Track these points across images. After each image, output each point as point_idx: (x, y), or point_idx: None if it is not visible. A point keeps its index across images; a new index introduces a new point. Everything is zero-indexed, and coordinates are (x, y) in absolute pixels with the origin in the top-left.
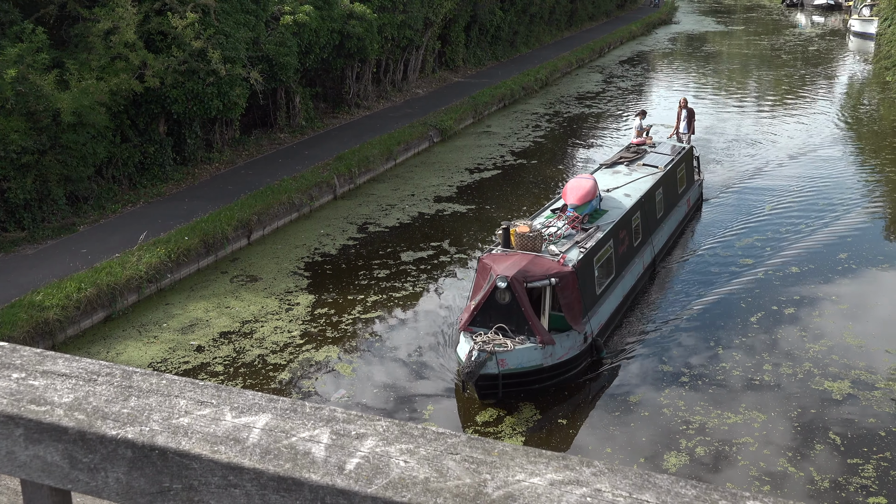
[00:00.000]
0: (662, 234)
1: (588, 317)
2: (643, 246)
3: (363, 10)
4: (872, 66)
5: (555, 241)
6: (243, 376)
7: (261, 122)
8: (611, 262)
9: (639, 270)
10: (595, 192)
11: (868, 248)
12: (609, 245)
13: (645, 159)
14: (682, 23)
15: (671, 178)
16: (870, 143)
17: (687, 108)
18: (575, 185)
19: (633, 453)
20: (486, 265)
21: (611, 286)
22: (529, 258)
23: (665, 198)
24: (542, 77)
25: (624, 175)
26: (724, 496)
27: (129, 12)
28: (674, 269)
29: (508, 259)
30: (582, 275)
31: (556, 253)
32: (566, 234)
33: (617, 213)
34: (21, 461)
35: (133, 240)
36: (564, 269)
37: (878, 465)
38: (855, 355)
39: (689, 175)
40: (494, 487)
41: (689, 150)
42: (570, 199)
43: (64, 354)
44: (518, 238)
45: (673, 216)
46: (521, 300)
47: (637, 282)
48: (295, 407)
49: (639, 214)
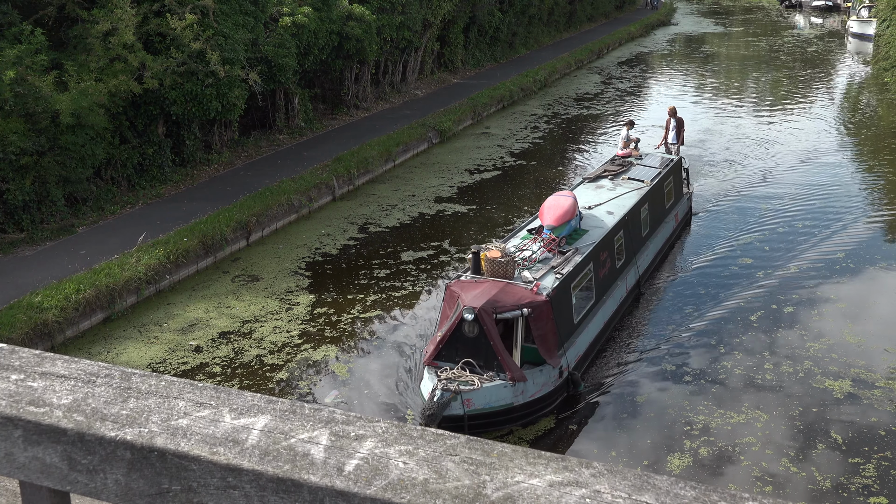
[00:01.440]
0: (648, 254)
1: (564, 349)
2: (627, 267)
3: (362, 11)
4: (871, 67)
5: (529, 266)
6: (240, 377)
7: (260, 124)
8: (590, 287)
9: (622, 294)
10: (574, 212)
11: (866, 248)
12: (588, 269)
13: (630, 172)
14: (680, 24)
15: (658, 193)
16: (868, 145)
17: (676, 118)
18: (552, 205)
19: (637, 455)
20: (453, 293)
21: (590, 313)
22: (500, 286)
23: (651, 214)
24: (541, 78)
25: (607, 190)
26: (723, 497)
27: (128, 14)
28: (660, 290)
29: (477, 287)
30: (557, 304)
31: (530, 280)
32: (542, 258)
33: (598, 233)
34: (20, 462)
35: (132, 241)
36: (538, 299)
37: (878, 464)
38: (855, 354)
39: (678, 188)
40: (493, 489)
41: (678, 162)
42: (547, 220)
43: (63, 356)
44: (489, 264)
45: (660, 233)
46: (489, 333)
47: (620, 306)
48: (294, 408)
49: (622, 234)
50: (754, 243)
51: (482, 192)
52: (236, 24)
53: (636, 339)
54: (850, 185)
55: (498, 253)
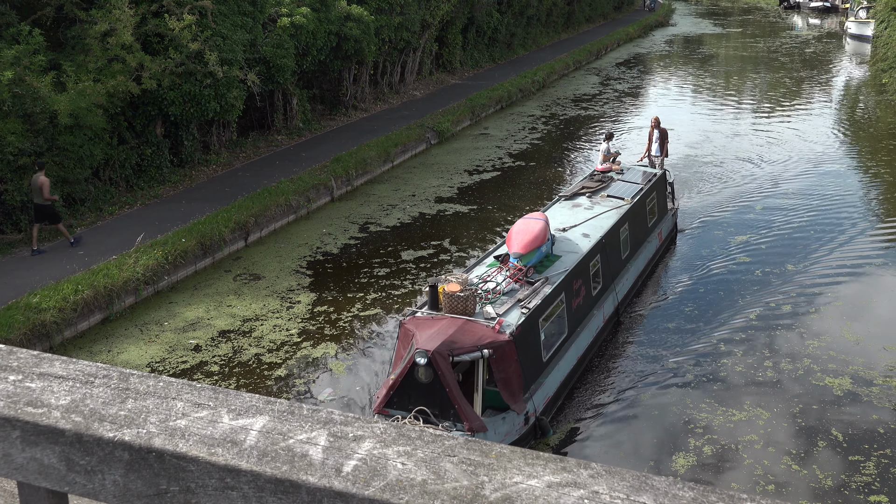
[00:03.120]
0: (628, 278)
1: (531, 392)
2: (604, 294)
3: (360, 12)
4: (869, 68)
5: (493, 300)
6: (238, 375)
7: (258, 124)
8: (562, 320)
9: (598, 324)
10: (545, 236)
11: (864, 248)
12: (560, 300)
13: (610, 189)
14: (679, 25)
15: (640, 211)
16: (866, 145)
17: (659, 129)
18: (521, 230)
19: (642, 454)
20: (407, 331)
21: (562, 349)
22: (458, 324)
23: (632, 234)
24: (540, 79)
25: (584, 209)
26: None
27: (126, 14)
28: (642, 317)
29: (433, 325)
30: (523, 342)
31: (493, 316)
32: (508, 289)
33: (572, 258)
34: (18, 463)
35: (130, 242)
36: (500, 338)
37: (878, 462)
38: (853, 352)
39: (662, 204)
40: (492, 489)
41: (662, 177)
42: (514, 247)
43: (61, 356)
44: (447, 299)
45: (641, 255)
46: (444, 379)
47: (596, 338)
48: (292, 409)
49: (599, 258)
50: (750, 249)
51: (482, 192)
52: (234, 25)
53: (612, 375)
54: (848, 186)
55: (457, 286)
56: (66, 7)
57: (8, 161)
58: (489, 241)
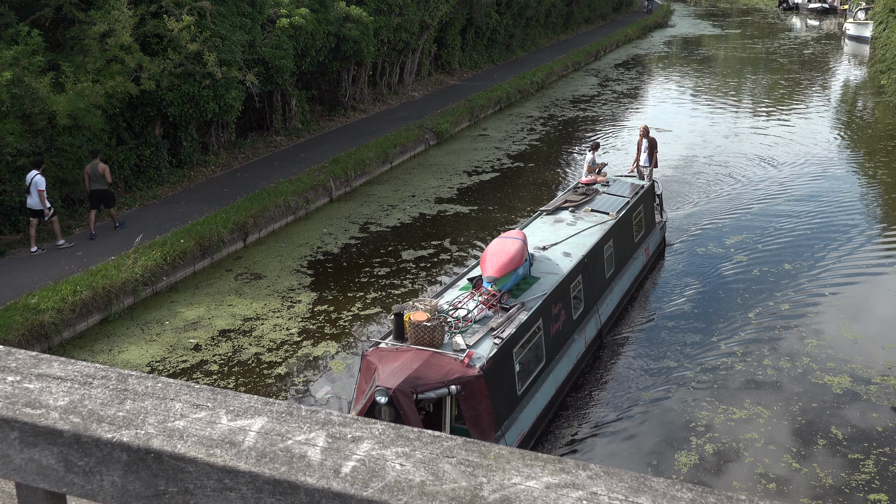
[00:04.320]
0: (613, 298)
1: (503, 429)
2: (586, 317)
3: (359, 12)
4: (867, 69)
5: (463, 329)
6: (237, 375)
7: (257, 125)
8: (539, 348)
9: (579, 350)
10: (521, 258)
11: (862, 248)
12: (537, 326)
13: (595, 203)
14: (677, 26)
15: (626, 226)
16: (864, 146)
17: (648, 138)
18: (496, 250)
19: (645, 453)
20: (370, 364)
21: (539, 379)
22: (424, 358)
23: (617, 251)
24: (538, 80)
25: (567, 225)
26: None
27: (125, 15)
28: (626, 340)
29: (397, 358)
30: (495, 376)
31: (462, 348)
32: (480, 316)
33: (551, 280)
34: (16, 465)
35: (129, 242)
36: (469, 373)
37: (878, 460)
38: (852, 351)
39: (649, 218)
40: (490, 490)
41: (650, 189)
42: (488, 271)
43: (59, 357)
44: (413, 329)
45: (627, 273)
46: (407, 419)
47: (576, 365)
48: (291, 410)
49: (580, 279)
50: (746, 249)
51: (482, 193)
52: (233, 26)
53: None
54: (846, 188)
55: (424, 316)
56: (65, 8)
57: (7, 162)
58: (489, 241)
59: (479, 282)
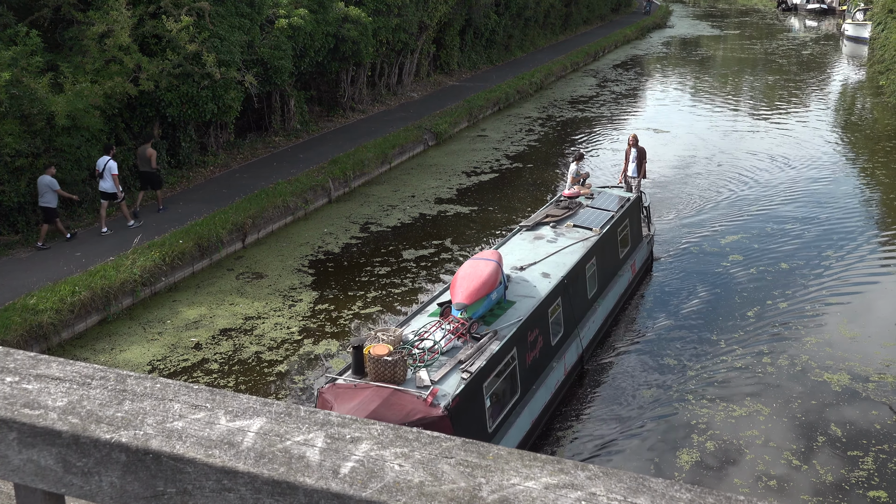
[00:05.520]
0: (596, 319)
1: None
2: (566, 341)
3: (358, 13)
4: (866, 70)
5: (428, 362)
6: (237, 373)
7: (255, 126)
8: (513, 380)
9: (558, 378)
10: (495, 282)
11: (860, 248)
12: (511, 356)
13: (578, 217)
14: (676, 27)
15: (610, 242)
16: (863, 147)
17: (637, 148)
18: (467, 274)
19: (647, 451)
20: (325, 402)
21: (513, 413)
22: (384, 396)
23: (601, 269)
24: (537, 81)
25: (547, 242)
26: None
27: (124, 15)
28: (609, 365)
29: (354, 397)
30: (462, 415)
31: (426, 384)
32: (448, 347)
33: (527, 304)
34: (14, 465)
35: (127, 243)
36: (433, 413)
37: (876, 457)
38: (850, 349)
39: (636, 232)
40: (489, 491)
41: (637, 201)
42: (458, 297)
43: (58, 358)
44: (372, 364)
45: (611, 292)
46: None
47: (554, 395)
48: (289, 411)
49: (560, 302)
50: (742, 248)
51: (481, 193)
52: (232, 26)
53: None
54: (844, 188)
55: (385, 349)
56: (64, 8)
57: (5, 162)
58: (489, 242)
59: (447, 309)
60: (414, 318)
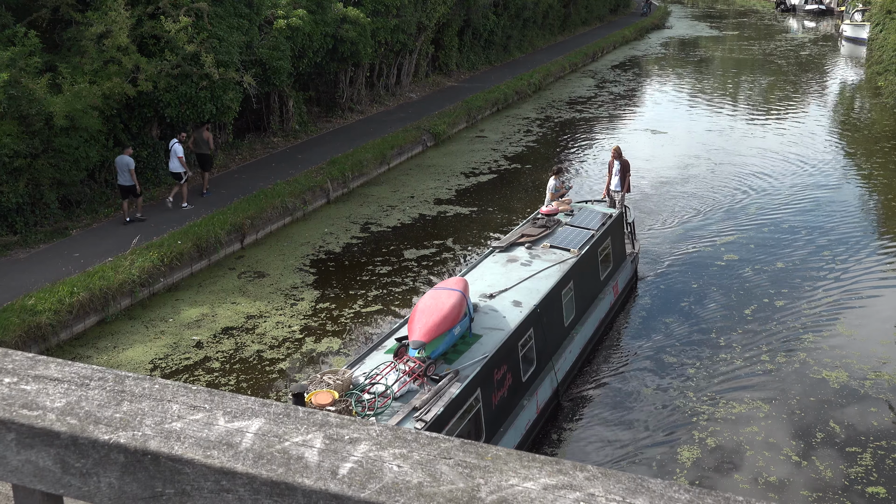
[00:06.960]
0: (573, 349)
1: None
2: (539, 375)
3: (357, 14)
4: (864, 70)
5: (379, 410)
6: (238, 372)
7: (254, 126)
8: (477, 424)
9: (529, 417)
10: (458, 315)
11: (858, 247)
12: (475, 399)
13: (555, 237)
14: (675, 28)
15: (590, 263)
16: (861, 148)
17: (620, 160)
18: (426, 307)
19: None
20: None
21: None
22: None
23: (578, 294)
24: (536, 82)
25: (520, 265)
26: (718, 501)
27: (122, 16)
28: (586, 398)
29: None
30: None
31: None
32: (403, 392)
33: (495, 338)
34: (13, 466)
35: (126, 244)
36: None
37: (875, 453)
38: (848, 346)
39: (618, 251)
40: (488, 492)
41: (619, 218)
42: (415, 334)
43: (56, 359)
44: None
45: (591, 317)
46: None
47: (525, 436)
48: (288, 411)
49: (532, 333)
50: (737, 248)
51: (480, 194)
52: (231, 27)
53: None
54: (842, 189)
55: (328, 397)
56: (62, 9)
57: (3, 163)
58: (488, 244)
59: (403, 347)
60: (368, 356)
